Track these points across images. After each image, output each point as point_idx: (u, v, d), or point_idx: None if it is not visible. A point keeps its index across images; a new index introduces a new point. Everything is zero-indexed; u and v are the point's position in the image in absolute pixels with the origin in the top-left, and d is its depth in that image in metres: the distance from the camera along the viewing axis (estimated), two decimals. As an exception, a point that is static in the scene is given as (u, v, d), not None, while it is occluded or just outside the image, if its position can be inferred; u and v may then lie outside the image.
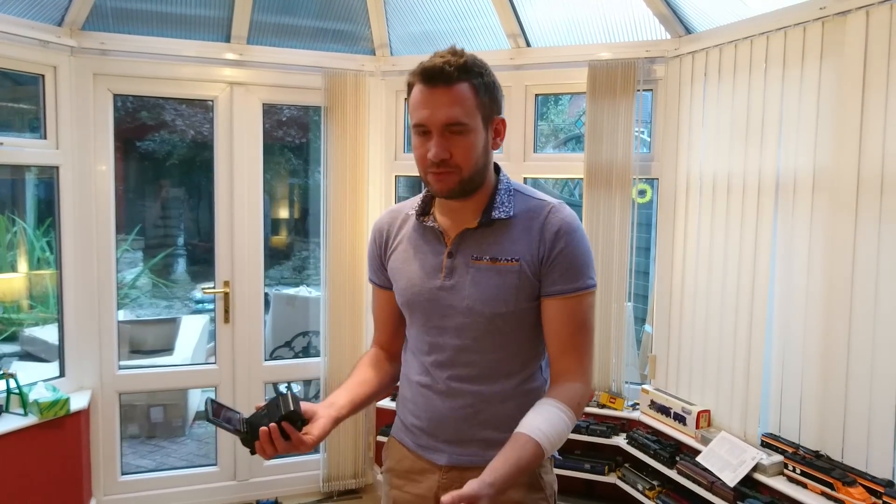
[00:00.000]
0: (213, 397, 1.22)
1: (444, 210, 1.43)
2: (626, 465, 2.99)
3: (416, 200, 1.49)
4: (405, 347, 1.55)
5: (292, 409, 1.26)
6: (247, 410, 1.31)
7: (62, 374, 3.16)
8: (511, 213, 1.38)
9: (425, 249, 1.43)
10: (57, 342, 3.23)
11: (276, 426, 1.25)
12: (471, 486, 1.13)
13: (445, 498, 1.10)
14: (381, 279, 1.55)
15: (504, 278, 1.35)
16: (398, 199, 3.76)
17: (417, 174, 1.38)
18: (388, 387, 1.57)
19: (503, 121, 1.39)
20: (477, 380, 1.40)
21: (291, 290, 5.50)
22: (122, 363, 3.43)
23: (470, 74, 1.30)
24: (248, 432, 1.27)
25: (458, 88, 1.29)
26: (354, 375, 1.51)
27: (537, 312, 1.39)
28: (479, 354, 1.39)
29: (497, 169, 1.44)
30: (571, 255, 1.35)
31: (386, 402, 3.46)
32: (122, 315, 5.81)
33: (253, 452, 1.28)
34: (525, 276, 1.35)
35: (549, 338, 1.39)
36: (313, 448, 1.33)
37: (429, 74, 1.29)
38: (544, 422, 1.27)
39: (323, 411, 1.34)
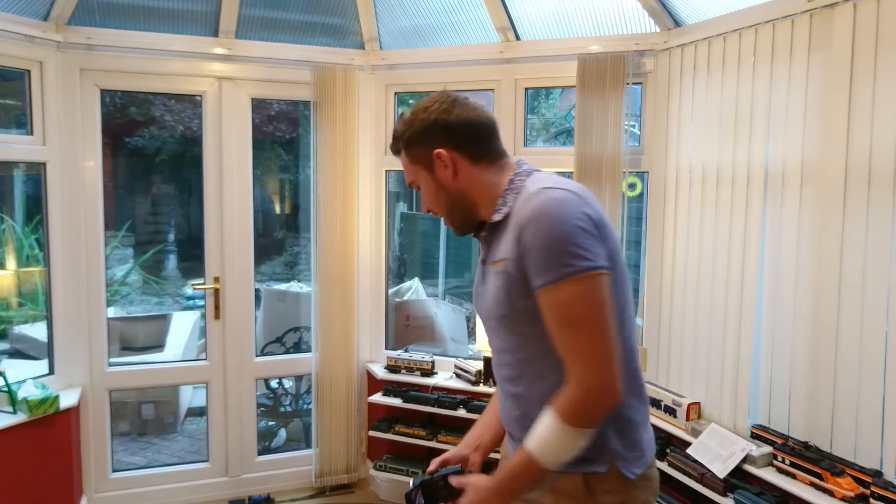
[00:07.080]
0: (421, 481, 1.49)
1: None
2: (618, 457, 3.00)
3: None
4: None
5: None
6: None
7: (52, 372, 3.15)
8: (505, 214, 1.35)
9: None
10: (46, 339, 3.21)
11: None
12: (478, 482, 1.38)
13: (454, 480, 1.42)
14: None
15: (496, 280, 1.35)
16: (388, 193, 3.75)
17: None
18: None
19: (439, 153, 1.40)
20: (516, 381, 1.41)
21: (282, 286, 5.47)
22: (113, 360, 3.41)
23: (399, 143, 1.45)
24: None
25: (402, 158, 1.46)
26: None
27: None
28: (509, 354, 1.41)
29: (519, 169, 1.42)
30: (538, 245, 1.24)
31: (377, 398, 3.46)
32: (113, 312, 5.78)
33: None
34: (510, 275, 1.30)
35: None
36: None
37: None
38: (536, 429, 1.30)
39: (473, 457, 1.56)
